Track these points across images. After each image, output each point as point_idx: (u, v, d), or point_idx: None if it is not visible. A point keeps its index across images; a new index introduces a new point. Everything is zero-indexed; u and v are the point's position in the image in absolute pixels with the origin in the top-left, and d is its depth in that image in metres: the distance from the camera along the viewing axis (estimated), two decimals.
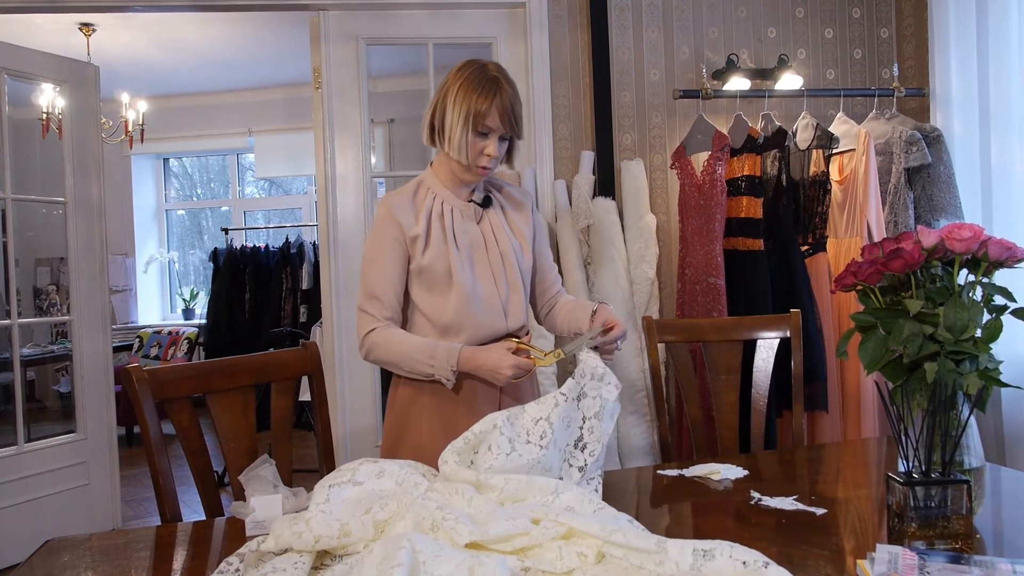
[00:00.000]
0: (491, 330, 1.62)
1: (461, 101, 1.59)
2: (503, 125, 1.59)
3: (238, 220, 7.00)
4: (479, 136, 1.60)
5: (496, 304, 1.64)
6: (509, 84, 1.62)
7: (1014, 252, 1.17)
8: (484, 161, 1.62)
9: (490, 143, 1.61)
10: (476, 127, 1.59)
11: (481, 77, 1.60)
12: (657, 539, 1.03)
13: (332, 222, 2.98)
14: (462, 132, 1.59)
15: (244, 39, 5.06)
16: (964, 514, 1.12)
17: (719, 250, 2.75)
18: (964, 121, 2.83)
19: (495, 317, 1.63)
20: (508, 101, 1.59)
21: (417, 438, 1.63)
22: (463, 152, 1.60)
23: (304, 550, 1.05)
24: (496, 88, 1.59)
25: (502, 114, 1.58)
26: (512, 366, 1.50)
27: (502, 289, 1.65)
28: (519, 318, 1.66)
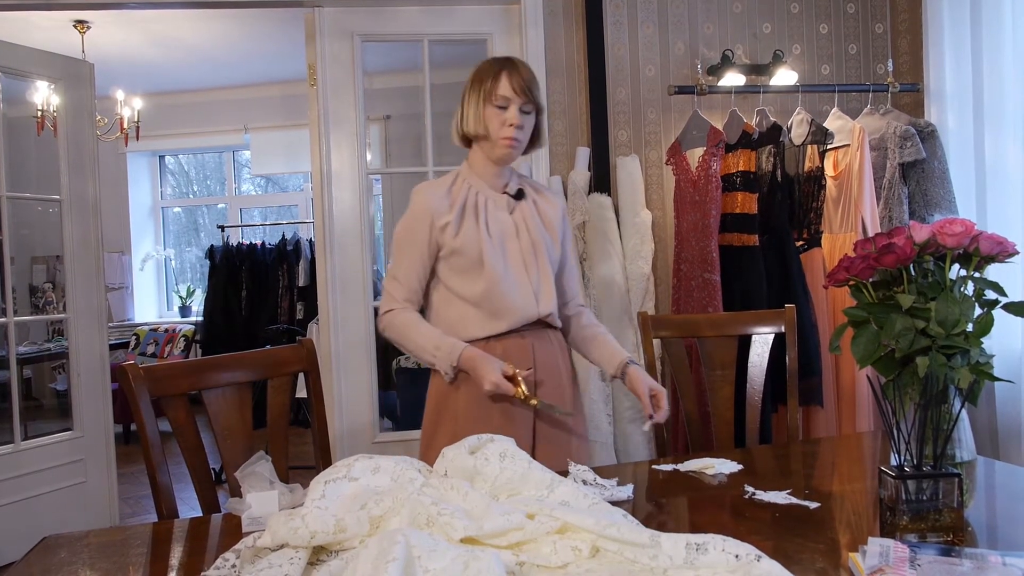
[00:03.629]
0: (523, 314, 1.69)
1: (475, 85, 1.71)
2: (518, 94, 1.67)
3: (234, 217, 6.99)
4: (498, 110, 1.67)
5: (527, 288, 1.70)
6: (521, 62, 1.71)
7: (1005, 247, 1.18)
8: (507, 132, 1.68)
9: (510, 112, 1.67)
10: (491, 101, 1.67)
11: (490, 62, 1.72)
12: (651, 533, 1.04)
13: (328, 219, 2.99)
14: (477, 108, 1.69)
15: (239, 36, 5.05)
16: (955, 507, 1.13)
17: (714, 246, 2.76)
18: (958, 116, 2.84)
19: (527, 301, 1.70)
20: (519, 72, 1.68)
21: (452, 427, 1.69)
22: (481, 123, 1.69)
23: (300, 546, 1.06)
24: (504, 63, 1.70)
25: (513, 83, 1.66)
26: (494, 383, 1.57)
27: (533, 275, 1.72)
28: (548, 304, 1.72)
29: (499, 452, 1.26)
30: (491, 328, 1.69)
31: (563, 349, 1.81)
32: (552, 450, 1.71)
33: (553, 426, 1.74)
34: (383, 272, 5.54)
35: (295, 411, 5.48)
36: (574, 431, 1.77)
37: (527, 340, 1.72)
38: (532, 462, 1.26)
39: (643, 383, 1.69)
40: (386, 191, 6.15)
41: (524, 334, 1.71)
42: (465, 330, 1.70)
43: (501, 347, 1.69)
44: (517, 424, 1.69)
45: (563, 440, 1.74)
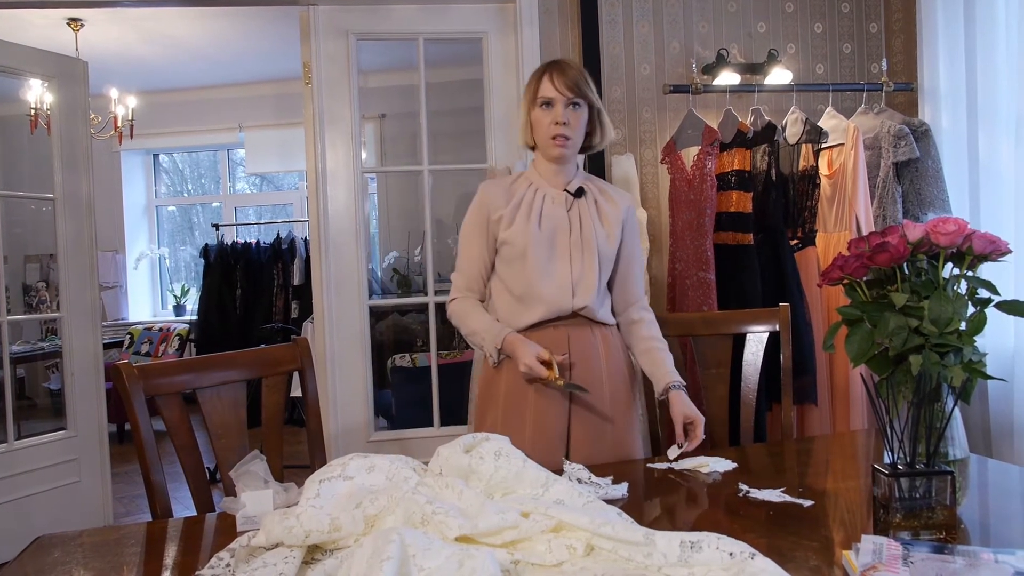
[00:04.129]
0: (558, 306, 1.75)
1: (525, 93, 1.80)
2: (561, 92, 1.72)
3: (229, 216, 6.97)
4: (545, 109, 1.74)
5: (566, 282, 1.75)
6: (569, 61, 1.77)
7: (998, 246, 1.18)
8: (554, 130, 1.74)
9: (555, 111, 1.73)
10: (536, 103, 1.74)
11: (540, 65, 1.80)
12: (645, 531, 1.04)
13: (323, 218, 2.98)
14: (526, 113, 1.78)
15: (234, 34, 5.04)
16: (948, 505, 1.14)
17: (709, 244, 2.76)
18: (952, 115, 2.85)
19: (562, 294, 1.75)
20: (561, 70, 1.73)
21: (495, 412, 1.80)
22: (527, 132, 1.79)
23: (295, 544, 1.06)
24: (548, 65, 1.77)
25: (555, 82, 1.72)
26: (528, 365, 1.65)
27: (576, 270, 1.76)
28: (586, 298, 1.76)
29: (494, 451, 1.27)
30: (528, 317, 1.76)
31: (608, 345, 1.82)
32: (586, 433, 1.77)
33: (589, 411, 1.77)
34: (378, 271, 5.54)
35: (290, 410, 5.47)
36: (610, 419, 1.79)
37: (562, 332, 1.77)
38: (527, 461, 1.27)
39: (679, 410, 1.69)
40: (381, 190, 6.14)
41: (559, 325, 1.77)
42: (508, 318, 1.79)
43: (536, 337, 1.74)
44: (553, 407, 1.76)
45: (597, 424, 1.78)
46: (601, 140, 1.84)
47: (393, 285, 5.25)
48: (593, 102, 1.77)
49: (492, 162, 3.06)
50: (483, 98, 3.10)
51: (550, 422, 1.75)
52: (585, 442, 1.76)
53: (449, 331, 4.67)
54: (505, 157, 3.05)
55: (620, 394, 1.81)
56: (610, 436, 1.78)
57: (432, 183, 3.22)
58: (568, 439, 1.77)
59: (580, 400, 1.76)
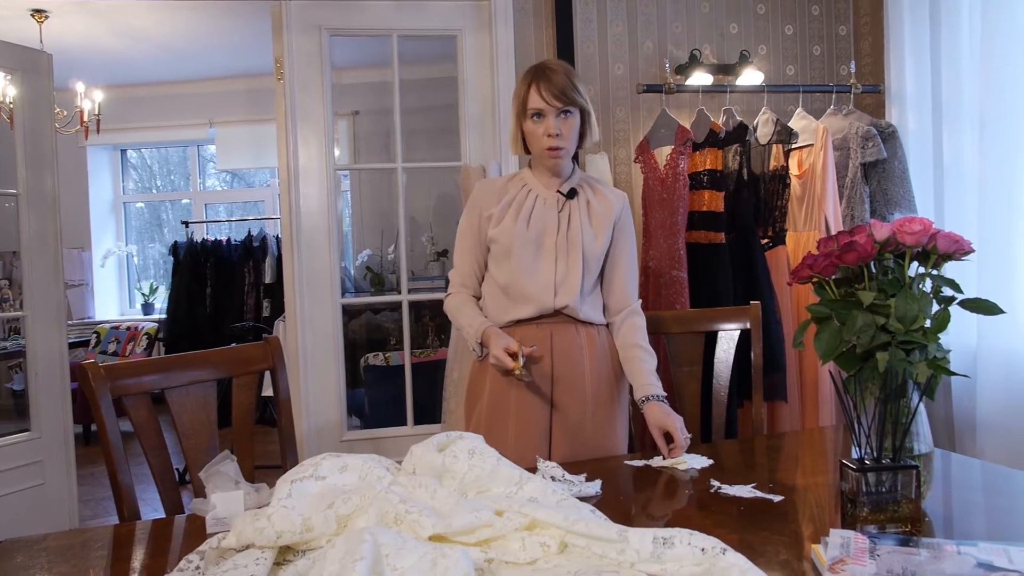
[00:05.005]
0: (540, 304, 1.78)
1: (513, 102, 1.80)
2: (550, 102, 1.71)
3: (199, 213, 6.88)
4: (535, 121, 1.74)
5: (549, 282, 1.78)
6: (555, 64, 1.76)
7: (961, 245, 1.21)
8: (547, 142, 1.74)
9: (546, 123, 1.73)
10: (526, 114, 1.75)
11: (524, 74, 1.78)
12: (618, 528, 1.05)
13: (295, 215, 2.95)
14: (516, 125, 1.80)
15: (204, 28, 4.97)
16: (913, 498, 1.16)
17: (682, 243, 2.78)
18: (918, 117, 2.90)
19: (544, 292, 1.78)
20: (550, 78, 1.72)
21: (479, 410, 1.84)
22: (519, 143, 1.81)
23: (266, 546, 1.04)
24: (534, 73, 1.75)
25: (543, 92, 1.71)
26: (495, 356, 1.67)
27: (560, 270, 1.79)
28: (568, 298, 1.78)
29: (468, 449, 1.26)
30: (515, 314, 1.80)
31: (592, 344, 1.83)
32: (567, 430, 1.79)
33: (570, 408, 1.80)
34: (351, 269, 5.50)
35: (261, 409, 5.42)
36: (591, 416, 1.81)
37: (545, 329, 1.80)
38: (501, 459, 1.27)
39: (653, 423, 1.68)
40: (354, 187, 6.09)
41: (543, 323, 1.80)
42: (496, 314, 1.83)
43: (519, 333, 1.78)
44: (535, 405, 1.79)
45: (578, 421, 1.80)
46: (590, 140, 1.85)
47: (366, 283, 5.22)
48: (583, 106, 1.76)
49: (466, 160, 3.05)
50: (457, 96, 3.09)
51: (532, 419, 1.78)
52: (566, 438, 1.79)
53: (423, 329, 4.66)
54: (479, 155, 3.05)
55: (603, 392, 1.83)
56: (591, 433, 1.80)
57: (406, 181, 3.21)
58: (550, 435, 1.80)
59: (562, 397, 1.79)
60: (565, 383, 1.80)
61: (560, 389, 1.80)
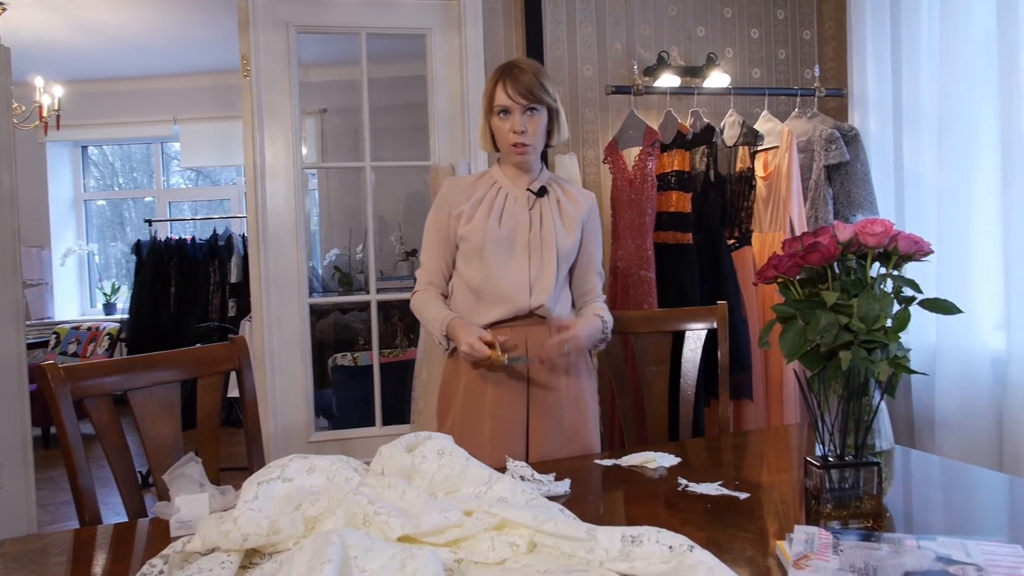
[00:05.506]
0: (515, 304, 1.77)
1: (483, 99, 1.80)
2: (516, 100, 1.72)
3: (163, 211, 6.76)
4: (502, 117, 1.75)
5: (523, 280, 1.78)
6: (524, 63, 1.76)
7: (921, 246, 1.24)
8: (513, 139, 1.75)
9: (513, 120, 1.74)
10: (493, 111, 1.75)
11: (495, 69, 1.78)
12: (587, 527, 1.05)
13: (262, 214, 2.92)
14: (484, 121, 1.80)
15: (168, 23, 4.88)
16: (875, 494, 1.18)
17: (650, 244, 2.81)
18: (879, 121, 2.97)
19: (519, 291, 1.77)
20: (517, 76, 1.73)
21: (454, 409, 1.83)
22: (487, 139, 1.81)
23: (232, 549, 1.03)
24: (502, 71, 1.76)
25: (510, 90, 1.72)
26: (469, 344, 1.66)
27: (534, 268, 1.79)
28: (543, 296, 1.78)
29: (437, 449, 1.26)
30: (488, 315, 1.78)
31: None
32: (544, 427, 1.80)
33: (547, 406, 1.80)
34: (319, 269, 5.45)
35: (227, 411, 5.34)
36: (568, 414, 1.82)
37: (520, 332, 1.79)
38: (470, 459, 1.27)
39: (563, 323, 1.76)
40: (322, 186, 6.03)
41: (516, 325, 1.79)
42: (467, 316, 1.81)
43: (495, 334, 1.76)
44: (511, 403, 1.78)
45: (555, 419, 1.81)
46: (558, 139, 1.86)
47: (334, 283, 5.17)
48: (550, 104, 1.77)
49: (435, 159, 3.04)
50: (427, 95, 3.08)
51: (509, 417, 1.78)
52: (544, 436, 1.79)
53: (391, 329, 4.63)
54: (449, 154, 3.04)
55: (578, 391, 1.85)
56: (568, 430, 1.82)
57: (375, 180, 3.19)
58: (527, 433, 1.80)
59: (538, 395, 1.80)
60: (541, 383, 1.80)
61: (536, 389, 1.80)
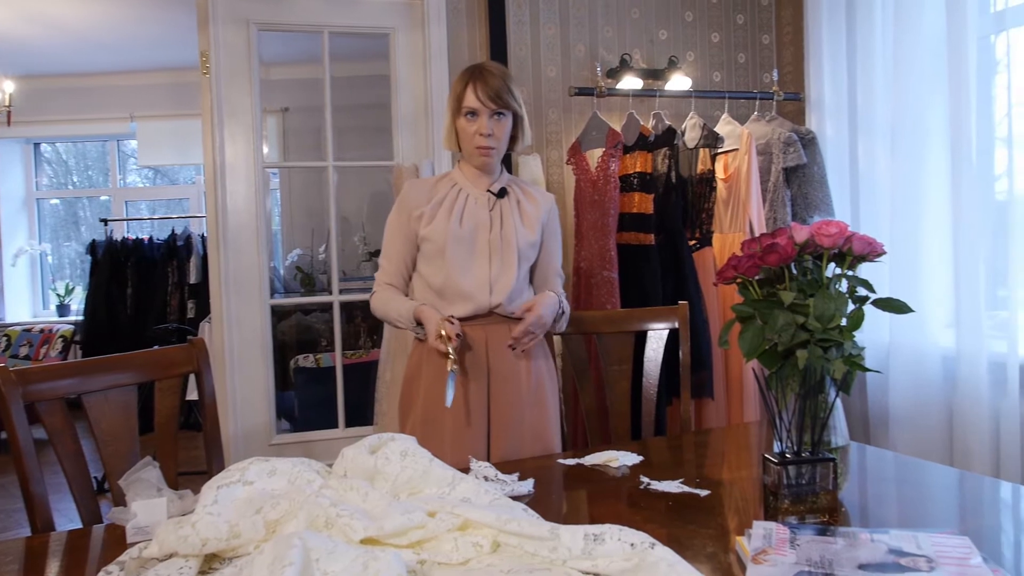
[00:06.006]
0: (475, 303, 1.80)
1: (449, 99, 1.83)
2: (484, 103, 1.75)
3: (119, 210, 6.61)
4: (469, 119, 1.78)
5: (484, 279, 1.80)
6: (493, 67, 1.79)
7: (874, 247, 1.27)
8: (479, 141, 1.77)
9: (479, 122, 1.76)
10: (460, 112, 1.78)
11: (461, 73, 1.81)
12: (550, 526, 1.06)
13: (222, 213, 2.87)
14: (451, 121, 1.82)
15: (125, 18, 4.77)
16: (831, 490, 1.21)
17: (613, 244, 2.83)
18: (835, 125, 3.03)
19: (480, 290, 1.80)
20: (487, 80, 1.75)
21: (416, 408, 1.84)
22: (452, 139, 1.83)
23: (190, 554, 1.02)
24: (471, 73, 1.78)
25: (479, 93, 1.74)
26: (436, 336, 1.69)
27: (494, 268, 1.81)
28: (503, 295, 1.81)
29: (400, 451, 1.26)
30: (449, 313, 1.78)
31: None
32: (505, 426, 1.81)
33: (508, 405, 1.82)
34: (281, 269, 5.38)
35: (186, 414, 5.25)
36: (529, 413, 1.84)
37: (480, 331, 1.81)
38: (433, 460, 1.26)
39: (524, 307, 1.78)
40: (284, 185, 5.96)
41: (476, 325, 1.81)
42: None
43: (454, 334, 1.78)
44: (473, 403, 1.80)
45: (516, 418, 1.82)
46: (522, 144, 1.89)
47: (296, 284, 5.11)
48: (516, 111, 1.81)
49: (399, 159, 3.03)
50: (390, 94, 3.06)
51: (470, 418, 1.80)
52: (505, 436, 1.81)
53: (354, 330, 4.59)
54: (412, 154, 3.03)
55: (539, 389, 1.87)
56: (529, 429, 1.84)
57: (337, 180, 3.16)
58: (488, 433, 1.81)
59: (499, 396, 1.81)
60: (501, 381, 1.82)
61: (497, 387, 1.82)
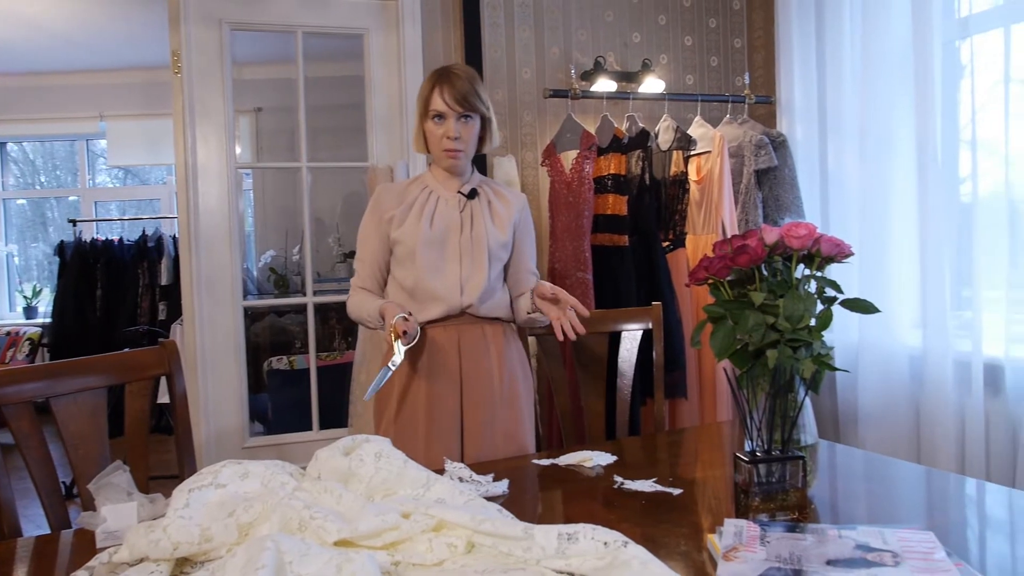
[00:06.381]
0: (447, 304, 1.80)
1: (417, 102, 1.83)
2: (451, 106, 1.75)
3: (88, 211, 6.50)
4: (437, 122, 1.78)
5: (455, 281, 1.81)
6: (460, 70, 1.79)
7: (842, 248, 1.29)
8: (446, 144, 1.78)
9: (447, 125, 1.77)
10: (427, 115, 1.78)
11: (428, 76, 1.81)
12: (524, 526, 1.07)
13: (194, 215, 2.84)
14: (419, 124, 1.83)
15: (94, 15, 4.70)
16: (800, 487, 1.23)
17: (587, 246, 2.85)
18: (805, 128, 3.08)
19: (451, 292, 1.80)
20: (454, 83, 1.76)
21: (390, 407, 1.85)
22: (420, 142, 1.84)
23: (161, 558, 1.01)
24: (438, 76, 1.78)
25: (446, 96, 1.75)
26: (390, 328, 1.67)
27: (465, 269, 1.82)
28: (473, 296, 1.81)
29: (374, 452, 1.26)
30: (423, 315, 1.80)
31: (499, 341, 1.87)
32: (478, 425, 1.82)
33: (481, 404, 1.82)
34: (254, 271, 5.33)
35: (157, 417, 5.17)
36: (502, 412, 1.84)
37: (452, 331, 1.82)
38: (408, 461, 1.26)
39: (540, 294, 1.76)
40: (257, 186, 5.90)
41: (449, 325, 1.82)
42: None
43: (430, 333, 1.81)
44: (446, 402, 1.81)
45: (489, 417, 1.83)
46: (490, 146, 1.90)
47: (270, 285, 5.06)
48: (483, 113, 1.81)
49: (373, 161, 3.02)
50: (364, 95, 3.05)
51: (443, 419, 1.80)
52: (478, 435, 1.81)
53: (329, 332, 4.56)
54: (386, 156, 3.02)
55: (511, 390, 1.87)
56: (501, 428, 1.84)
57: (311, 181, 3.14)
58: (462, 432, 1.82)
59: (471, 396, 1.82)
60: (473, 381, 1.82)
61: (469, 388, 1.82)
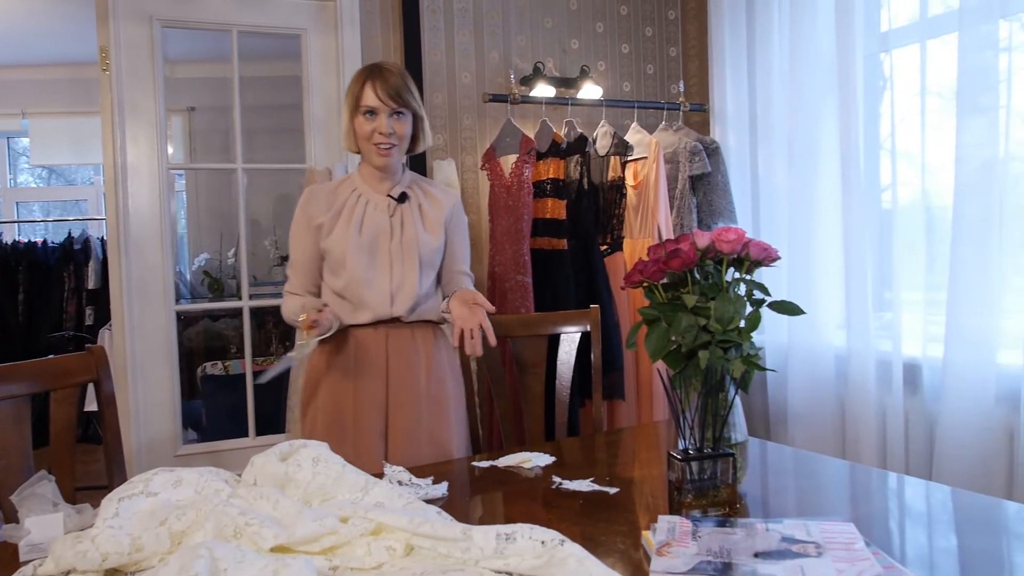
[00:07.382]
0: (377, 312, 1.79)
1: (346, 97, 1.79)
2: (384, 101, 1.73)
3: (9, 212, 6.21)
4: (368, 118, 1.74)
5: (385, 289, 1.79)
6: (392, 66, 1.78)
7: (769, 252, 1.35)
8: (378, 139, 1.75)
9: (378, 121, 1.74)
10: (358, 110, 1.74)
11: (358, 71, 1.79)
12: (463, 527, 1.08)
13: (123, 216, 2.75)
14: (348, 121, 1.78)
15: (16, 8, 4.50)
16: (731, 483, 1.28)
17: (526, 249, 2.87)
18: (737, 135, 3.18)
19: (382, 301, 1.79)
20: (386, 78, 1.74)
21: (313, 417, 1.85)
22: (351, 139, 1.79)
23: (90, 570, 0.98)
24: (370, 71, 1.76)
25: (378, 91, 1.72)
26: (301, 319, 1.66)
27: (395, 276, 1.80)
28: (405, 305, 1.80)
29: (312, 457, 1.25)
30: (355, 319, 1.80)
31: (428, 344, 1.86)
32: (402, 429, 1.81)
33: (406, 408, 1.82)
34: (187, 274, 5.19)
35: (84, 426, 4.98)
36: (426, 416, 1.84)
37: (381, 332, 1.82)
38: (346, 465, 1.26)
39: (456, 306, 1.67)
40: (191, 187, 5.74)
41: (378, 328, 1.82)
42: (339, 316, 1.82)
43: (359, 337, 1.81)
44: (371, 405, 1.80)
45: (413, 421, 1.82)
46: (423, 146, 1.88)
47: (204, 288, 4.94)
48: (416, 110, 1.80)
49: (311, 162, 2.98)
50: (302, 96, 3.01)
51: (368, 421, 1.80)
52: (402, 439, 1.81)
53: (265, 336, 4.47)
54: (325, 157, 2.99)
55: (439, 392, 1.87)
56: (426, 433, 1.83)
57: (247, 182, 3.09)
58: (387, 437, 1.82)
59: (396, 398, 1.82)
60: (399, 383, 1.82)
61: (395, 389, 1.82)
